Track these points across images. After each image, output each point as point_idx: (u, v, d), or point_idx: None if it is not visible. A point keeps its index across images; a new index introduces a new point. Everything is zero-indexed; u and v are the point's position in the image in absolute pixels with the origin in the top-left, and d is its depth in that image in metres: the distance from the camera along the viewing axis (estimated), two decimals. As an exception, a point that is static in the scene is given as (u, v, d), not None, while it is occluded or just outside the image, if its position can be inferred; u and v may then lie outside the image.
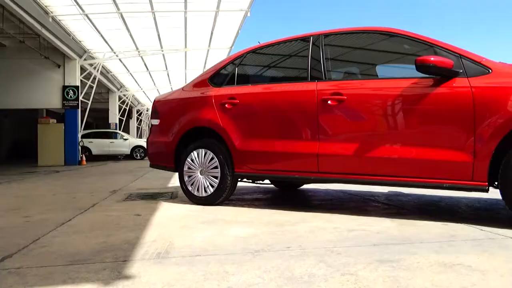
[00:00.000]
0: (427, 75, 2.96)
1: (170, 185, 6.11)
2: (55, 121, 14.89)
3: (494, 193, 3.08)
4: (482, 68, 2.85)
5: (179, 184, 4.21)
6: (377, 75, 3.63)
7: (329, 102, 3.32)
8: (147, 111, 34.29)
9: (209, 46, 15.72)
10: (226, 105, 3.88)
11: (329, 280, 1.76)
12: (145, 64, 18.61)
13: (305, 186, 5.48)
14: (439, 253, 2.15)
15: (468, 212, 3.46)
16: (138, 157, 19.09)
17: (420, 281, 1.72)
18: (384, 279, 1.76)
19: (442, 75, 2.91)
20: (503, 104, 2.67)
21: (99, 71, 16.70)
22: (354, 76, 3.74)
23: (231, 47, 15.89)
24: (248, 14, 12.44)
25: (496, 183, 2.83)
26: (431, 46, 3.08)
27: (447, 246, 2.29)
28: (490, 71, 2.82)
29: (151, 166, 4.66)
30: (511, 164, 2.64)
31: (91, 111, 18.23)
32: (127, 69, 19.64)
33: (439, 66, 2.84)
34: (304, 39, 3.75)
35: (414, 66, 2.92)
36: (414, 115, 3.02)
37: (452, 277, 1.77)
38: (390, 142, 3.09)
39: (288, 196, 4.70)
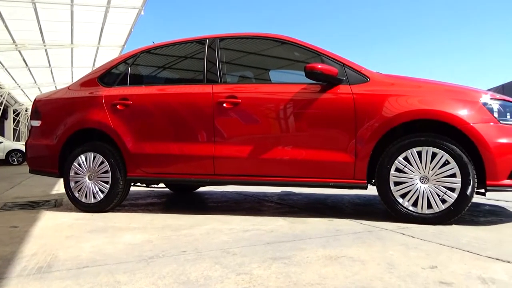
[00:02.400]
0: (315, 82, 3.17)
1: (54, 192, 5.60)
2: None
3: (371, 190, 3.41)
4: (361, 76, 3.15)
5: (64, 191, 3.89)
6: (270, 80, 3.78)
7: (224, 105, 3.36)
8: (26, 111, 31.06)
9: (99, 43, 14.83)
10: (117, 106, 3.69)
11: (224, 281, 1.77)
12: (24, 59, 16.81)
13: (201, 189, 5.46)
14: (326, 247, 2.31)
15: (350, 208, 3.78)
16: (15, 162, 17.18)
17: (310, 275, 1.83)
18: (277, 276, 1.83)
19: (328, 82, 3.14)
20: (378, 110, 2.99)
21: (-35, 65, 14.67)
22: (249, 80, 3.84)
23: (124, 45, 15.23)
24: (142, 13, 12.06)
25: (373, 180, 3.14)
26: (319, 55, 3.31)
27: (333, 240, 2.47)
28: (368, 79, 3.13)
29: (31, 171, 4.22)
30: (385, 164, 2.97)
31: (-44, 110, 15.93)
32: (2, 64, 17.56)
33: (326, 73, 3.06)
34: (200, 41, 3.75)
35: (303, 73, 3.11)
36: (303, 118, 3.21)
37: (337, 268, 1.92)
38: (282, 144, 3.24)
39: (184, 199, 4.64)
